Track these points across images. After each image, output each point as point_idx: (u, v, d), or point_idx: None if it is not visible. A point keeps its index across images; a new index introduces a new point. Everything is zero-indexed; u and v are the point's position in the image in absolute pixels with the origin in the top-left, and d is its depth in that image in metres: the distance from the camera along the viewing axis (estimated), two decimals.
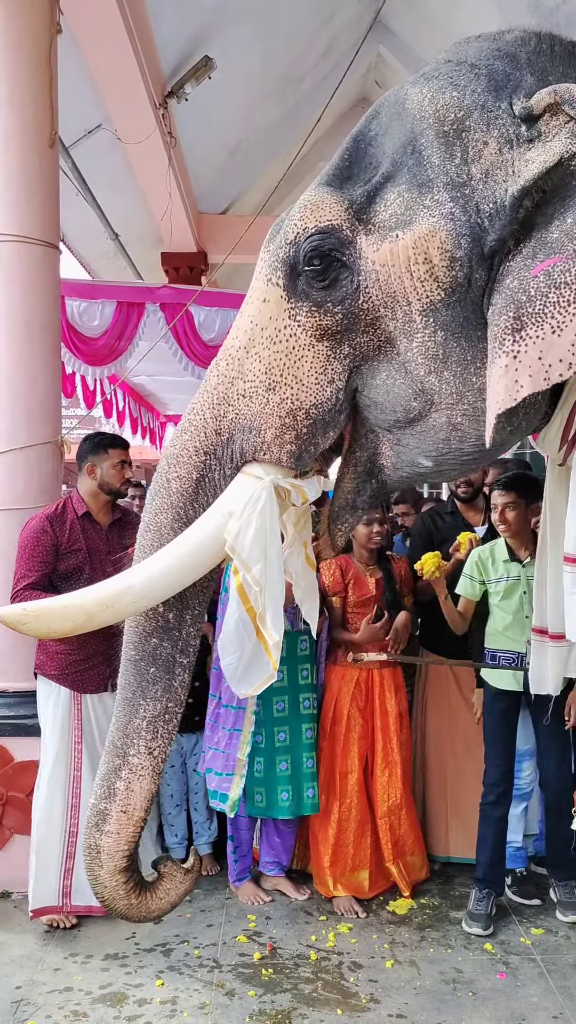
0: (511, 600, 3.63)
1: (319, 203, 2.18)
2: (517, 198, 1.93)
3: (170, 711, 2.53)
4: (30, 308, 3.89)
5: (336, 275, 2.18)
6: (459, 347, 2.06)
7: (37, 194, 3.91)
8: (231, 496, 2.36)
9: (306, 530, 2.70)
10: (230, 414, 2.37)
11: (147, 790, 2.50)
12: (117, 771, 2.48)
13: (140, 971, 3.21)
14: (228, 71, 6.57)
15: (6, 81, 3.83)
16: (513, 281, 1.92)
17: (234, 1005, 3.01)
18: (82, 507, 3.57)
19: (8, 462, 3.86)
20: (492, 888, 3.63)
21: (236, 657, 2.44)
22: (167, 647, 2.52)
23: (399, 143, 2.10)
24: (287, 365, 2.28)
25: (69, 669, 3.50)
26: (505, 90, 2.01)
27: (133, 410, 9.07)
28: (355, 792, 3.76)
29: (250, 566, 2.33)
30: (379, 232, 2.12)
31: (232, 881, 3.80)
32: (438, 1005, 3.03)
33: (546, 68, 2.06)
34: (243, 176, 9.42)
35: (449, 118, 2.01)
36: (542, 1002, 3.05)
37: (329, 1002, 3.03)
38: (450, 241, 1.99)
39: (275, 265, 2.26)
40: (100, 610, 2.48)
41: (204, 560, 2.42)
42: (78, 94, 5.45)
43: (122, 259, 8.91)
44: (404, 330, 2.12)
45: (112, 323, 5.47)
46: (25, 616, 2.51)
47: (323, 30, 7.74)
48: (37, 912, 3.47)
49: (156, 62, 5.94)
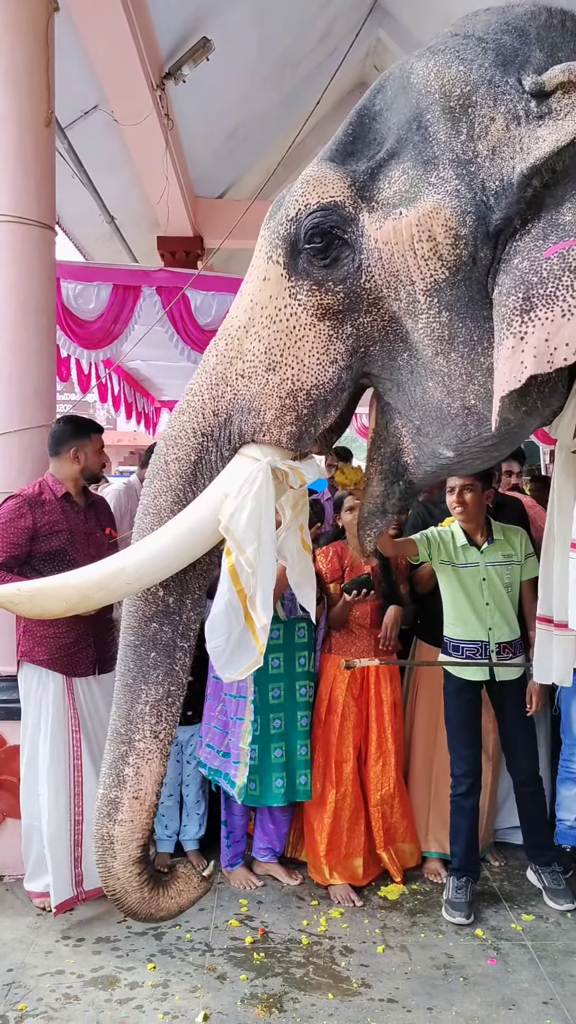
0: (471, 586, 3.60)
1: (321, 179, 2.13)
2: (526, 176, 1.88)
3: (173, 694, 2.50)
4: (25, 289, 3.86)
5: (338, 253, 2.13)
6: (465, 327, 2.02)
7: (33, 174, 3.86)
8: (228, 477, 2.33)
9: (303, 514, 2.67)
10: (228, 394, 2.33)
11: (157, 773, 2.48)
12: (124, 758, 2.46)
13: (132, 954, 3.21)
14: (226, 53, 6.51)
15: (2, 59, 3.78)
16: (523, 262, 1.87)
17: (225, 989, 3.02)
18: (60, 489, 3.54)
19: (2, 445, 3.83)
20: (469, 876, 3.63)
21: (224, 639, 2.40)
22: (167, 631, 2.50)
23: (404, 118, 2.06)
24: (287, 345, 2.24)
25: (59, 653, 3.49)
26: (513, 65, 1.96)
27: (128, 395, 9.04)
28: (350, 780, 3.77)
29: (243, 547, 2.31)
30: (382, 209, 2.07)
31: (224, 866, 3.81)
32: (429, 990, 3.04)
33: (556, 43, 2.00)
34: (240, 160, 9.35)
35: (455, 93, 1.97)
36: (532, 987, 3.07)
37: (320, 986, 3.04)
38: (455, 219, 1.95)
39: (275, 242, 2.22)
40: (94, 591, 2.48)
41: (199, 541, 2.40)
42: (75, 75, 5.39)
43: (118, 242, 8.85)
44: (409, 311, 2.09)
45: (108, 306, 5.43)
46: (19, 596, 2.50)
47: (322, 13, 7.67)
48: (60, 907, 3.43)
49: (154, 43, 5.88)
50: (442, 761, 3.89)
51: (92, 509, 3.68)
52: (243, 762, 3.61)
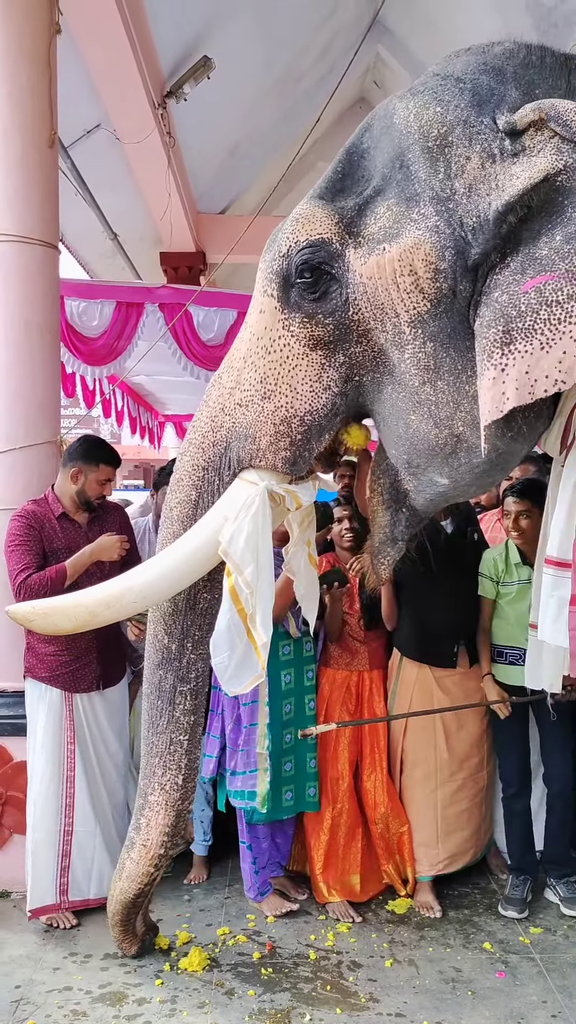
0: (522, 603, 3.62)
1: (310, 216, 2.23)
2: (501, 212, 1.95)
3: (175, 742, 2.77)
4: (29, 308, 3.89)
5: (326, 287, 2.24)
6: (449, 357, 2.09)
7: (36, 193, 3.90)
8: (227, 501, 2.48)
9: (310, 530, 2.76)
10: (227, 423, 2.47)
11: (162, 824, 2.82)
12: (142, 809, 2.85)
13: (139, 970, 3.21)
14: (227, 71, 6.57)
15: (5, 81, 3.82)
16: (502, 295, 1.94)
17: (233, 1004, 3.02)
18: (58, 507, 3.54)
19: (7, 462, 3.86)
20: (527, 874, 3.72)
21: (227, 656, 2.49)
22: (169, 678, 2.72)
23: (388, 157, 2.15)
24: (281, 374, 2.35)
25: (60, 670, 3.51)
26: (488, 104, 2.03)
27: (132, 410, 9.07)
28: (346, 797, 3.73)
29: (242, 569, 2.42)
30: (367, 245, 2.16)
31: (253, 896, 3.67)
32: (437, 1004, 3.04)
33: (533, 81, 2.07)
34: (242, 176, 9.42)
35: (433, 134, 2.04)
36: (541, 1001, 3.06)
37: (328, 1001, 3.04)
38: (434, 253, 2.03)
39: (270, 277, 2.33)
40: (102, 609, 2.65)
41: (200, 562, 2.54)
42: (77, 94, 5.45)
43: (121, 259, 8.90)
44: (395, 342, 2.17)
45: (111, 323, 5.47)
46: (33, 614, 2.72)
47: (322, 30, 7.74)
48: (36, 912, 3.47)
49: (155, 62, 5.94)
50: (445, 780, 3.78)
51: (96, 524, 3.64)
52: (262, 768, 3.58)
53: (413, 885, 3.78)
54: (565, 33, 5.74)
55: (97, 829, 3.56)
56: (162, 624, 2.74)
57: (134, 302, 5.51)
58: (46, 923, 3.49)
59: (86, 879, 3.54)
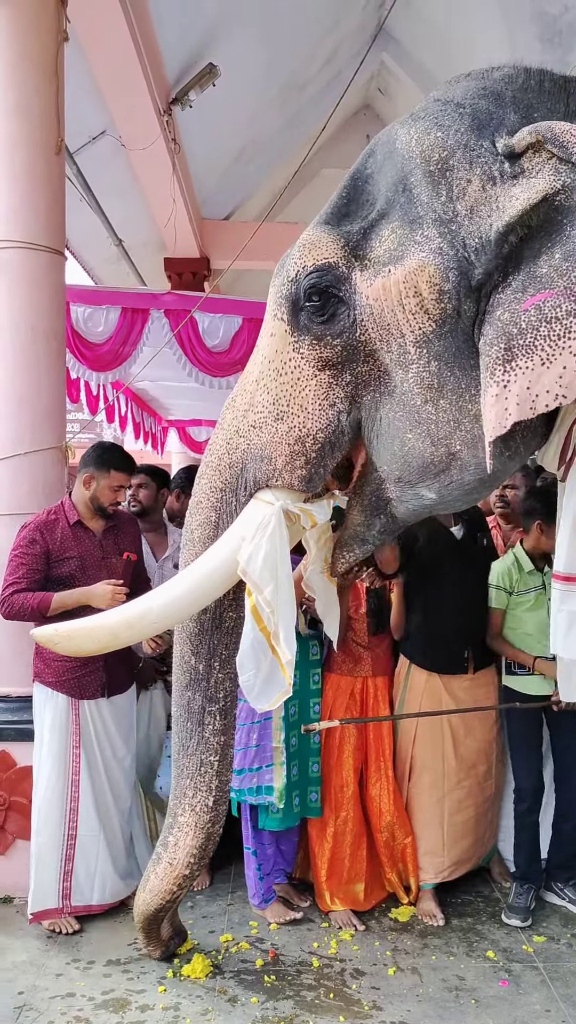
0: (542, 610, 3.64)
1: (316, 242, 2.29)
2: (502, 233, 1.99)
3: (205, 763, 2.82)
4: (35, 314, 3.91)
5: (334, 310, 2.28)
6: (453, 376, 2.13)
7: (43, 200, 3.92)
8: (244, 521, 2.53)
9: (327, 548, 2.79)
10: (243, 445, 2.52)
11: (190, 846, 2.85)
12: (170, 828, 2.88)
13: (142, 977, 3.21)
14: (232, 78, 6.59)
15: (13, 89, 3.85)
16: (504, 313, 1.98)
17: (236, 1011, 3.01)
18: (74, 515, 3.56)
19: (12, 467, 3.87)
20: (532, 883, 3.71)
21: (253, 674, 2.51)
22: (198, 699, 2.76)
23: (391, 181, 2.19)
24: (293, 395, 2.40)
25: (66, 676, 3.52)
26: (488, 128, 2.07)
27: (135, 415, 9.08)
28: (351, 805, 3.71)
29: (261, 588, 2.45)
30: (373, 268, 2.21)
31: (257, 903, 3.67)
32: (441, 1012, 3.03)
33: (532, 104, 2.12)
34: (246, 182, 9.45)
35: (434, 158, 2.08)
36: (544, 1010, 3.05)
37: (331, 1009, 3.03)
38: (438, 275, 2.07)
39: (280, 301, 2.39)
40: (124, 630, 2.72)
41: (219, 582, 2.59)
42: (83, 100, 5.47)
43: (125, 264, 8.93)
44: (400, 361, 2.21)
45: (116, 329, 5.48)
46: (57, 636, 2.78)
47: (326, 38, 7.77)
48: (37, 915, 3.48)
49: (160, 69, 5.96)
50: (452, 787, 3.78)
51: (111, 533, 3.66)
52: (279, 762, 3.56)
53: (416, 893, 3.78)
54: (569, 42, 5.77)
55: (101, 835, 3.56)
56: (188, 644, 2.76)
57: (139, 308, 5.52)
58: (48, 928, 3.49)
59: (89, 885, 3.54)
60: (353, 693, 3.79)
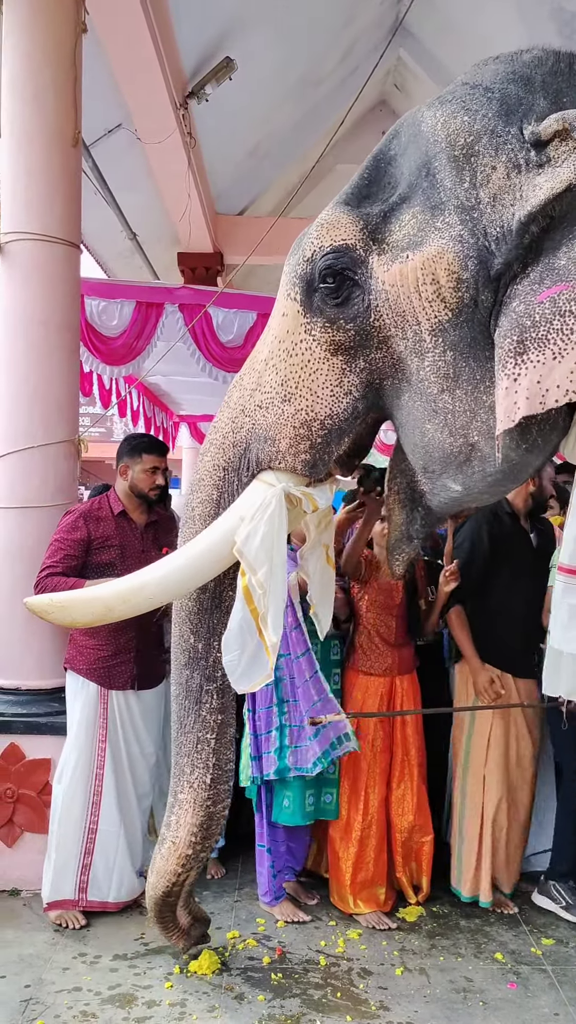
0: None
1: (335, 222, 2.25)
2: (524, 223, 1.95)
3: (202, 740, 2.79)
4: (50, 307, 3.90)
5: (349, 293, 2.24)
6: (468, 367, 2.09)
7: (59, 193, 3.91)
8: (244, 501, 2.50)
9: (327, 533, 2.77)
10: (247, 424, 2.49)
11: (190, 823, 2.83)
12: (171, 807, 2.87)
13: (149, 972, 3.20)
14: (248, 73, 6.58)
15: (30, 81, 3.84)
16: (519, 305, 1.94)
17: (243, 1009, 3.01)
18: (118, 506, 3.62)
19: (25, 460, 3.87)
20: None
21: (238, 655, 2.51)
22: (196, 677, 2.74)
23: (415, 165, 2.15)
24: (302, 377, 2.37)
25: (98, 664, 3.52)
26: (516, 114, 2.03)
27: (147, 409, 9.07)
28: (376, 808, 3.67)
29: (256, 569, 2.44)
30: (391, 252, 2.16)
31: (268, 901, 3.64)
32: (448, 1014, 3.02)
33: (561, 89, 2.07)
34: (261, 178, 9.43)
35: (460, 143, 2.04)
36: (553, 1013, 3.04)
37: (338, 1008, 3.02)
38: (457, 263, 2.03)
39: (294, 281, 2.34)
40: (118, 604, 2.70)
41: (215, 560, 2.57)
42: (99, 93, 5.46)
43: (139, 258, 8.93)
44: (415, 350, 2.17)
45: (131, 323, 5.46)
46: (51, 606, 2.77)
47: (344, 33, 7.74)
48: (52, 905, 3.48)
49: (177, 63, 5.95)
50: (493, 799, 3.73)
51: (153, 527, 3.69)
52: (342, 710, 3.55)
53: (426, 893, 3.76)
54: None
55: (121, 830, 3.54)
56: (188, 624, 2.74)
57: (154, 302, 5.50)
58: (56, 922, 3.48)
59: (107, 880, 3.53)
60: (382, 694, 3.73)
